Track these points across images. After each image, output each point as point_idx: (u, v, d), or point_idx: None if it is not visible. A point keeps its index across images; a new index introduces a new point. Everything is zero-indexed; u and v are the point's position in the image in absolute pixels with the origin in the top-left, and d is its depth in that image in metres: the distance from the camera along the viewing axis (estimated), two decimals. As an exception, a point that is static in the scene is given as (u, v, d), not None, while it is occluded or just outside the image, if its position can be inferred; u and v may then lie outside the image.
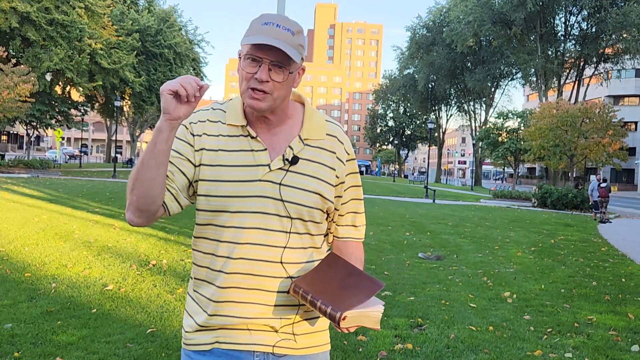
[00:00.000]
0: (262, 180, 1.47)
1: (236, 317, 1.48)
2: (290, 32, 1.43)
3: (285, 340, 1.52)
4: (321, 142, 1.55)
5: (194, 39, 52.68)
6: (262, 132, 1.52)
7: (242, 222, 1.46)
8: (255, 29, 1.43)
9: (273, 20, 1.44)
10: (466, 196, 35.26)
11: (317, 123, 1.57)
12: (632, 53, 41.90)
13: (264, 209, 1.46)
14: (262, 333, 1.51)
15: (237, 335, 1.50)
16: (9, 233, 8.73)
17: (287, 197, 1.47)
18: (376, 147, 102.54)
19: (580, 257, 10.26)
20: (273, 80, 1.43)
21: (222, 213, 1.47)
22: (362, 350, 4.34)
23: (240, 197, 1.46)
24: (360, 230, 1.67)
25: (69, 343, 4.13)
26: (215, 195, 1.47)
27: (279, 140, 1.52)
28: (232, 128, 1.52)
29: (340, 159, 1.57)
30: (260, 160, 1.48)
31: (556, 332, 5.18)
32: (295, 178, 1.49)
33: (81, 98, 42.96)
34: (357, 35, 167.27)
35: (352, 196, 1.63)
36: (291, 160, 1.49)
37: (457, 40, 49.92)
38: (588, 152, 32.99)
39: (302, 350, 1.54)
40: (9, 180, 22.05)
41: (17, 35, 33.51)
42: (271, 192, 1.47)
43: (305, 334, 1.55)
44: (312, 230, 1.53)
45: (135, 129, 67.51)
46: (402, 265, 8.31)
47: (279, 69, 1.43)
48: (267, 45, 1.40)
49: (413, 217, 16.52)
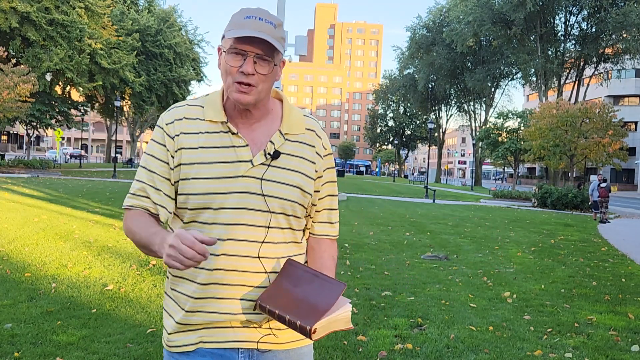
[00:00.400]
0: (244, 176, 1.47)
1: (219, 312, 1.48)
2: (273, 25, 1.44)
3: (268, 335, 1.52)
4: (301, 137, 1.56)
5: (194, 39, 52.67)
6: (243, 128, 1.52)
7: (225, 219, 1.46)
8: (238, 23, 1.44)
9: (255, 14, 1.44)
10: (466, 196, 35.26)
11: (296, 118, 1.57)
12: (632, 53, 41.90)
13: (247, 205, 1.47)
14: (245, 330, 1.50)
15: (220, 333, 1.50)
16: (9, 233, 8.73)
17: (269, 192, 1.48)
18: (376, 147, 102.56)
19: (580, 257, 10.26)
20: (258, 73, 1.44)
21: (205, 210, 1.47)
22: (362, 350, 4.34)
23: (223, 193, 1.46)
24: (335, 227, 1.68)
25: (69, 343, 4.13)
26: (197, 193, 1.46)
27: (259, 136, 1.52)
28: (211, 124, 1.51)
29: (319, 153, 1.58)
30: (242, 157, 1.48)
31: (556, 332, 5.18)
32: (276, 172, 1.49)
33: (81, 98, 42.94)
34: (357, 35, 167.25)
35: (328, 192, 1.64)
36: (272, 155, 1.49)
37: (457, 40, 49.92)
38: (588, 152, 32.98)
39: (285, 344, 1.55)
40: (9, 180, 22.05)
41: (17, 35, 33.51)
42: (253, 188, 1.47)
43: (287, 328, 1.53)
44: (294, 225, 1.54)
45: (135, 129, 67.49)
46: (402, 265, 8.31)
47: (263, 62, 1.44)
48: (252, 38, 1.41)
49: (413, 217, 16.52)
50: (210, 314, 1.48)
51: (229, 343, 1.50)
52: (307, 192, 1.54)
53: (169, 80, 46.07)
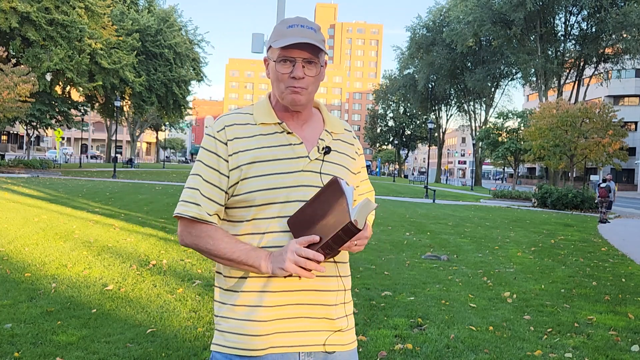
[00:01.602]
0: (304, 170, 1.57)
1: (291, 304, 1.53)
2: (313, 30, 1.57)
3: (334, 335, 1.58)
4: (342, 136, 1.71)
5: (194, 39, 52.69)
6: (295, 128, 1.62)
7: (288, 212, 1.54)
8: (282, 33, 1.55)
9: (295, 22, 1.57)
10: (466, 196, 35.26)
11: (335, 119, 1.73)
12: (632, 53, 41.87)
13: (307, 197, 1.55)
14: (309, 333, 1.55)
15: (287, 337, 1.54)
16: (9, 233, 8.74)
17: None
18: (376, 147, 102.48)
19: (580, 257, 10.26)
20: (308, 75, 1.55)
21: (272, 205, 1.53)
22: (362, 350, 4.34)
23: (287, 187, 1.54)
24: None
25: (69, 343, 4.13)
26: (263, 189, 1.53)
27: (309, 134, 1.63)
28: (263, 127, 1.59)
29: (357, 152, 1.75)
30: (299, 153, 1.58)
31: (556, 332, 5.18)
32: (330, 167, 1.61)
33: (81, 98, 42.95)
34: (357, 35, 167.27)
35: (366, 189, 1.80)
36: (325, 151, 1.61)
37: (457, 40, 49.90)
38: (588, 152, 32.96)
39: (348, 345, 1.63)
40: (9, 180, 22.06)
41: (17, 35, 33.51)
42: (313, 181, 1.57)
43: (350, 329, 1.64)
44: None
45: (135, 129, 67.54)
46: (402, 265, 8.31)
47: (311, 65, 1.55)
48: (298, 44, 1.52)
49: (413, 217, 16.52)
50: (286, 306, 1.53)
51: (296, 348, 1.54)
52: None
53: (169, 80, 46.07)
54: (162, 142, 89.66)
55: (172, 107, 48.46)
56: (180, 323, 4.74)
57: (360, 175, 1.75)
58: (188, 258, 7.58)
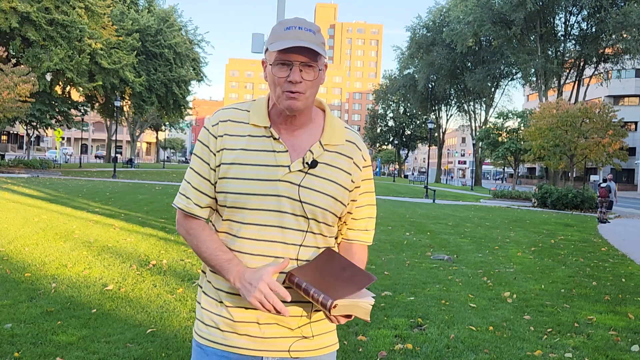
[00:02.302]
0: (281, 180, 1.52)
1: (255, 309, 1.51)
2: (312, 32, 1.50)
3: (299, 341, 1.56)
4: (340, 147, 1.60)
5: (194, 39, 52.69)
6: (285, 134, 1.57)
7: (262, 220, 1.51)
8: (279, 35, 1.49)
9: (294, 24, 1.50)
10: (466, 196, 35.26)
11: (338, 129, 1.62)
12: (632, 53, 41.87)
13: (282, 208, 1.51)
14: (275, 339, 1.54)
15: (249, 340, 1.54)
16: (9, 233, 8.74)
17: (305, 199, 1.52)
18: (376, 147, 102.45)
19: (580, 257, 10.26)
20: (305, 80, 1.49)
21: (242, 210, 1.52)
22: (362, 350, 4.34)
23: (259, 195, 1.51)
24: (370, 235, 1.72)
25: (69, 343, 4.13)
26: (234, 192, 1.52)
27: (301, 143, 1.57)
28: (255, 128, 1.57)
29: (357, 164, 1.62)
30: (281, 161, 1.53)
31: (556, 332, 5.18)
32: (313, 180, 1.54)
33: (81, 98, 42.94)
34: (357, 35, 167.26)
35: (367, 202, 1.68)
36: (310, 164, 1.54)
37: (457, 40, 49.90)
38: (588, 152, 32.97)
39: (317, 351, 1.59)
40: (9, 180, 22.06)
41: (17, 35, 33.50)
42: (290, 193, 1.52)
43: (321, 334, 1.60)
44: (324, 231, 1.58)
45: (135, 129, 67.54)
46: (402, 265, 8.31)
47: (309, 68, 1.50)
48: (295, 47, 1.46)
49: (413, 217, 16.52)
50: (250, 309, 1.52)
51: (257, 352, 1.54)
52: (340, 202, 1.58)
53: (169, 80, 46.07)
54: (162, 142, 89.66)
55: (172, 107, 48.47)
56: (180, 323, 4.74)
57: (359, 190, 1.63)
58: (188, 258, 7.58)
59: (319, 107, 1.65)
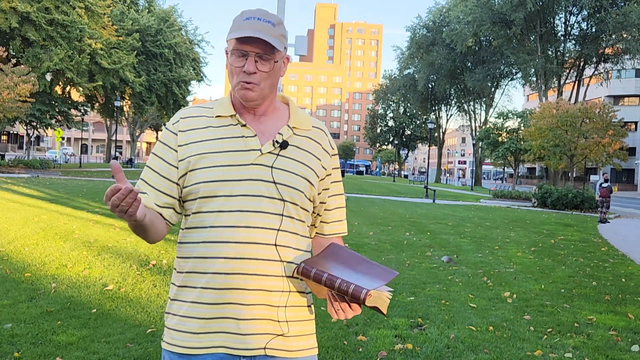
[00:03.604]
0: (254, 164, 1.50)
1: (232, 303, 1.46)
2: (271, 24, 1.50)
3: (276, 340, 1.50)
4: (308, 132, 1.61)
5: (194, 39, 52.66)
6: (251, 121, 1.57)
7: (237, 206, 1.48)
8: (238, 25, 1.50)
9: (254, 14, 1.51)
10: (466, 196, 35.25)
11: (303, 116, 1.63)
12: (632, 53, 41.87)
13: (257, 192, 1.49)
14: (254, 333, 1.48)
15: (230, 338, 1.48)
16: (9, 233, 8.73)
17: (279, 180, 1.50)
18: (376, 147, 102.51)
19: (580, 257, 10.26)
20: (260, 70, 1.50)
21: (214, 198, 1.49)
22: (362, 350, 4.34)
23: (232, 180, 1.49)
24: (344, 225, 1.72)
25: (69, 343, 4.13)
26: (206, 181, 1.49)
27: (268, 128, 1.57)
28: (220, 119, 1.56)
29: (325, 150, 1.63)
30: (250, 145, 1.52)
31: (556, 332, 5.18)
32: (285, 162, 1.53)
33: (81, 98, 42.93)
34: (357, 35, 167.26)
35: (337, 191, 1.68)
36: (281, 144, 1.53)
37: (457, 40, 49.90)
38: (588, 152, 32.97)
39: (294, 352, 1.53)
40: (9, 180, 22.05)
41: (17, 35, 33.49)
42: (263, 175, 1.50)
43: (296, 335, 1.54)
44: (302, 216, 1.56)
45: (135, 129, 67.52)
46: (402, 265, 8.31)
47: (264, 60, 1.50)
48: (251, 38, 1.47)
49: (413, 217, 16.52)
50: (228, 304, 1.46)
51: (236, 350, 1.48)
52: (313, 185, 1.57)
53: (169, 80, 46.06)
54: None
55: (172, 107, 48.45)
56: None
57: (330, 177, 1.63)
58: (188, 258, 7.57)
59: (282, 102, 1.66)
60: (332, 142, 1.67)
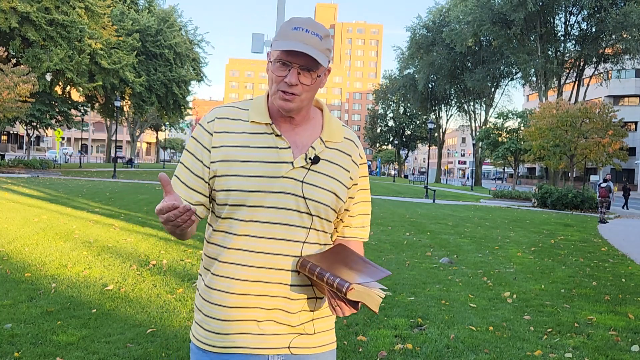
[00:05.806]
0: (285, 177, 1.51)
1: (253, 307, 1.50)
2: (319, 37, 1.48)
3: (299, 338, 1.55)
4: (339, 145, 1.61)
5: (194, 39, 52.69)
6: (286, 131, 1.57)
7: (264, 217, 1.50)
8: (285, 34, 1.49)
9: (302, 25, 1.49)
10: (466, 196, 35.25)
11: (336, 127, 1.63)
12: (632, 53, 41.89)
13: (285, 205, 1.50)
14: (275, 333, 1.52)
15: (252, 339, 1.51)
16: (9, 233, 8.73)
17: (309, 195, 1.52)
18: (376, 147, 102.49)
19: (580, 257, 10.26)
20: (302, 83, 1.49)
21: (242, 207, 1.50)
22: (362, 350, 4.34)
23: (262, 192, 1.50)
24: (366, 231, 1.73)
25: (69, 343, 4.13)
26: (236, 190, 1.50)
27: (302, 140, 1.57)
28: (255, 125, 1.55)
29: (355, 162, 1.63)
30: (283, 158, 1.52)
31: (556, 332, 5.18)
32: (315, 177, 1.54)
33: (81, 98, 42.94)
34: (357, 35, 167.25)
35: (363, 198, 1.69)
36: (313, 160, 1.54)
37: (457, 40, 49.90)
38: (588, 152, 32.95)
39: (317, 349, 1.58)
40: (9, 180, 22.06)
41: (17, 35, 33.49)
42: (293, 189, 1.51)
43: (321, 331, 1.59)
44: (326, 228, 1.58)
45: (135, 129, 67.55)
46: (402, 265, 8.31)
47: (307, 73, 1.49)
48: (297, 51, 1.45)
49: (413, 217, 16.52)
50: (249, 309, 1.50)
51: (259, 350, 1.52)
52: (341, 199, 1.58)
53: (169, 80, 46.07)
54: (162, 142, 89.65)
55: (172, 107, 48.48)
56: (180, 323, 4.74)
57: (357, 187, 1.65)
58: (188, 258, 7.58)
59: (316, 106, 1.65)
60: (362, 151, 1.68)
